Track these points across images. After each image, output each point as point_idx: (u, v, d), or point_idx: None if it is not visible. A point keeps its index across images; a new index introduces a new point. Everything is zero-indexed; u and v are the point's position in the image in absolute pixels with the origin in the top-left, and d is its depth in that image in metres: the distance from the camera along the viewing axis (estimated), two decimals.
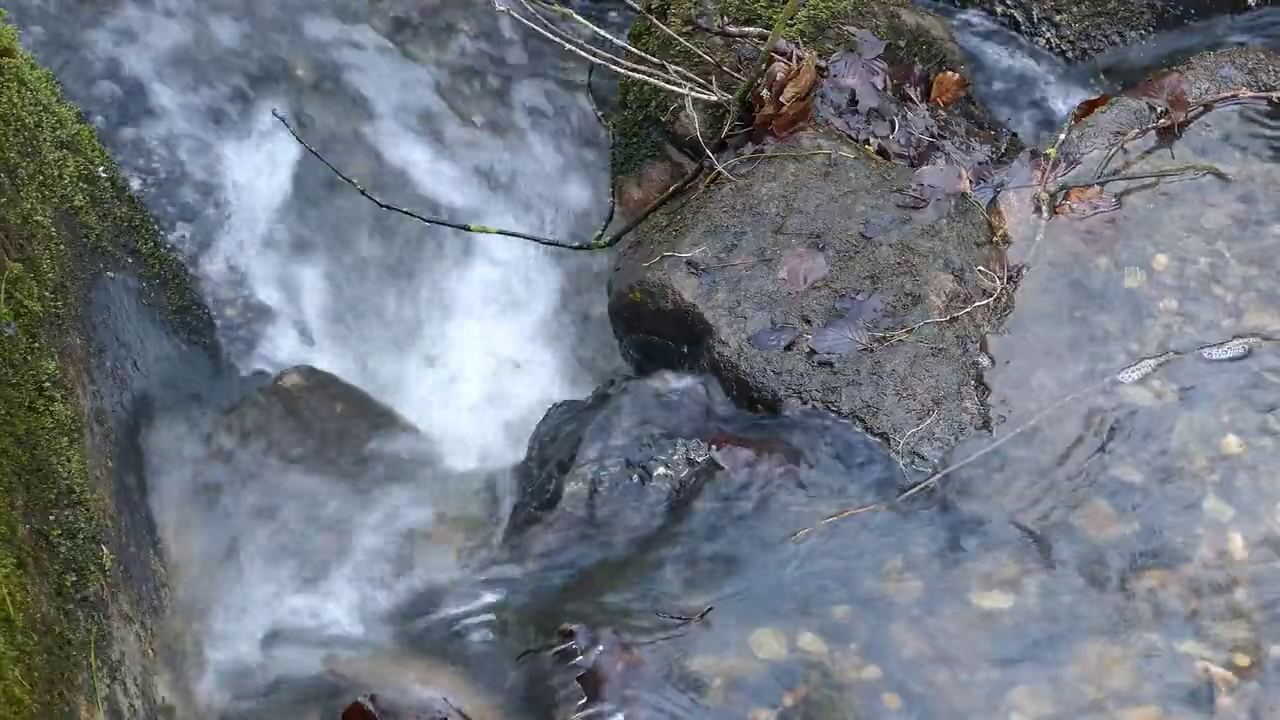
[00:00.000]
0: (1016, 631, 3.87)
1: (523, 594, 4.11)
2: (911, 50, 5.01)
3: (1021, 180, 4.64)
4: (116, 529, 3.95)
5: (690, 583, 4.00)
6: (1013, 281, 4.45)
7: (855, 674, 3.81)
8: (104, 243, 4.38)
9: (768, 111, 4.70)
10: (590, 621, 3.86)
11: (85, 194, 4.34)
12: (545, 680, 3.80)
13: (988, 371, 4.30)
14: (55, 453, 3.75)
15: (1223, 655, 3.80)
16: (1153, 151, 4.66)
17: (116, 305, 4.37)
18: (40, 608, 3.49)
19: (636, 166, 4.97)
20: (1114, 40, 5.29)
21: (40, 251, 3.96)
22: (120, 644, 3.81)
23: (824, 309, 4.39)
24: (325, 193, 4.95)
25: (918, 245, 4.47)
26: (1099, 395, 4.24)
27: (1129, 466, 4.12)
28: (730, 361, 4.36)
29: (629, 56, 4.85)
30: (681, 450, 4.26)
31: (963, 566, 3.98)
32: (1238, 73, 4.77)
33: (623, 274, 4.66)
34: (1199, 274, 4.42)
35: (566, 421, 4.43)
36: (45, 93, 4.36)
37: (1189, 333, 4.33)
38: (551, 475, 4.33)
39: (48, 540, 3.65)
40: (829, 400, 4.27)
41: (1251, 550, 3.96)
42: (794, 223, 4.53)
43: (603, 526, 4.18)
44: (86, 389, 4.02)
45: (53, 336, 3.88)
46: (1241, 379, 4.23)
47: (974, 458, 4.15)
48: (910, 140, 4.82)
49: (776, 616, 3.90)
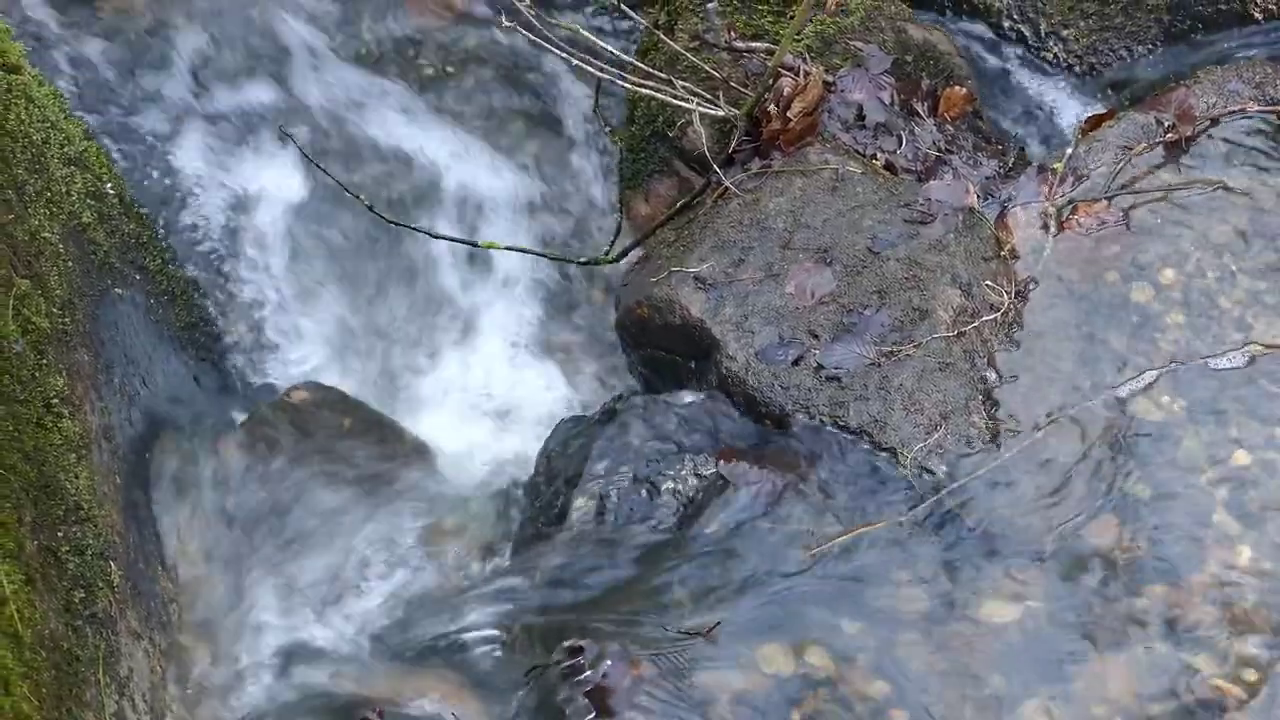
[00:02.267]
0: (1025, 646, 3.87)
1: (530, 609, 4.11)
2: (919, 65, 5.01)
3: (1029, 195, 4.63)
4: (125, 545, 3.95)
5: (698, 598, 3.99)
6: (1020, 296, 4.45)
7: (863, 689, 3.80)
8: (112, 259, 4.38)
9: (775, 126, 4.71)
10: (598, 636, 3.85)
11: (93, 210, 4.35)
12: (553, 695, 3.79)
13: (995, 386, 4.30)
14: (63, 469, 3.75)
15: (1231, 670, 3.79)
16: (1160, 166, 4.65)
17: (124, 322, 4.38)
18: (48, 624, 3.49)
19: (644, 182, 4.98)
20: (1121, 55, 5.29)
21: (48, 268, 3.97)
22: (128, 660, 3.81)
23: (831, 324, 4.39)
24: (333, 209, 4.96)
25: (925, 260, 4.47)
26: (1106, 409, 4.24)
27: (1137, 480, 4.11)
28: (738, 376, 4.36)
29: (636, 72, 4.85)
30: (689, 465, 4.26)
31: (971, 581, 3.98)
32: (1245, 87, 4.77)
33: (630, 289, 4.66)
34: (1207, 288, 4.42)
35: (574, 437, 4.43)
36: (53, 109, 4.37)
37: (1197, 347, 4.33)
38: (559, 491, 4.33)
39: (56, 556, 3.65)
40: (836, 415, 4.26)
41: (1260, 563, 3.96)
42: (801, 238, 4.53)
43: (610, 541, 4.17)
44: (94, 405, 4.02)
45: (60, 353, 3.89)
46: (1249, 392, 4.23)
47: (982, 472, 4.15)
48: (917, 155, 4.82)
49: (784, 632, 3.90)
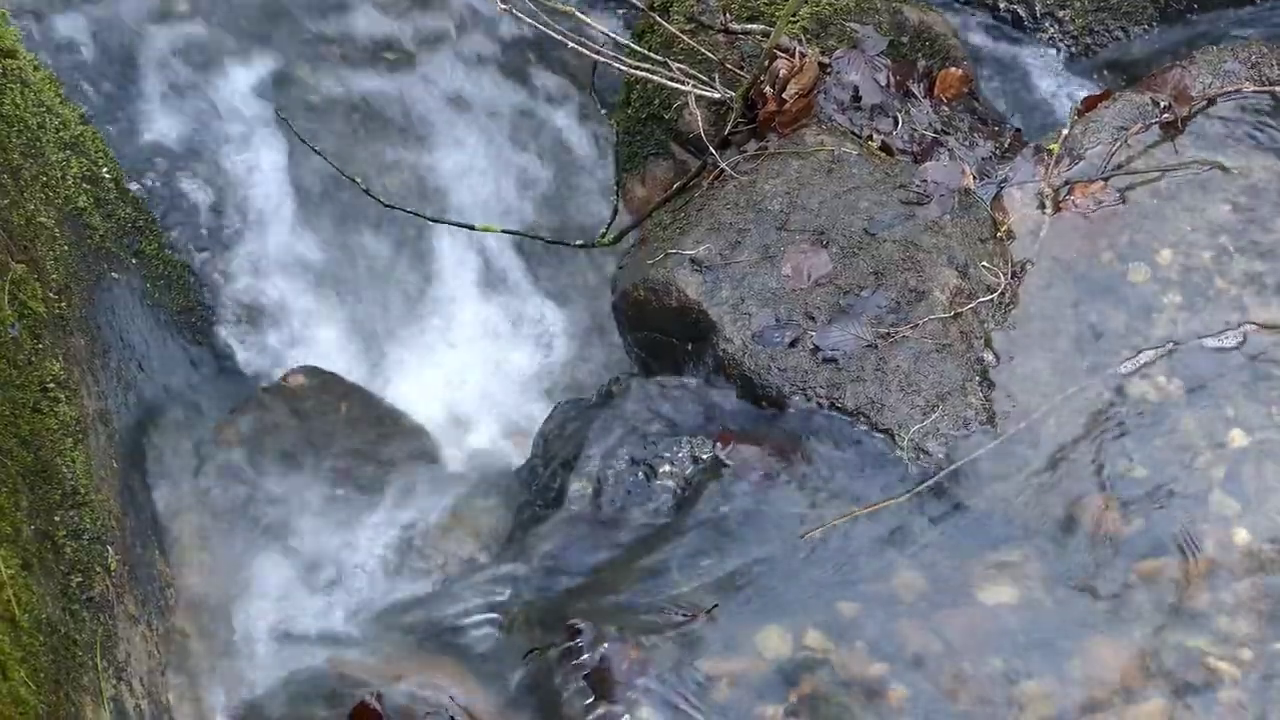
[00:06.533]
0: (1022, 626, 3.87)
1: (528, 592, 4.11)
2: (914, 46, 5.00)
3: (1025, 176, 4.63)
4: (121, 530, 3.95)
5: (695, 580, 3.99)
6: (1017, 277, 4.44)
7: (861, 671, 3.81)
8: (108, 244, 4.38)
9: (771, 108, 4.70)
10: (596, 619, 3.85)
11: (89, 195, 4.35)
12: (551, 678, 3.79)
13: (992, 367, 4.30)
14: (60, 454, 3.75)
15: (1227, 649, 3.80)
16: (1156, 146, 4.65)
17: (121, 306, 4.37)
18: (46, 608, 3.49)
19: (640, 164, 4.97)
20: (1117, 35, 5.29)
21: (44, 253, 3.97)
22: (126, 644, 3.81)
23: (828, 305, 4.39)
24: (329, 192, 4.95)
25: (921, 241, 4.47)
26: (1104, 390, 4.24)
27: (1134, 461, 4.11)
28: (734, 359, 4.36)
29: (632, 54, 4.85)
30: (686, 448, 4.26)
31: (968, 562, 3.98)
32: (1241, 67, 4.76)
33: (627, 272, 4.66)
34: (1203, 268, 4.42)
35: (571, 420, 4.43)
36: (49, 94, 4.37)
37: (1194, 327, 4.33)
38: (556, 473, 4.33)
39: (53, 541, 3.65)
40: (833, 397, 4.26)
41: (1256, 544, 3.96)
42: (797, 219, 4.52)
43: (608, 524, 4.18)
44: (91, 390, 4.02)
45: (57, 338, 3.88)
46: (1246, 373, 4.23)
47: (979, 453, 4.15)
48: (913, 136, 4.82)
49: (782, 614, 3.90)
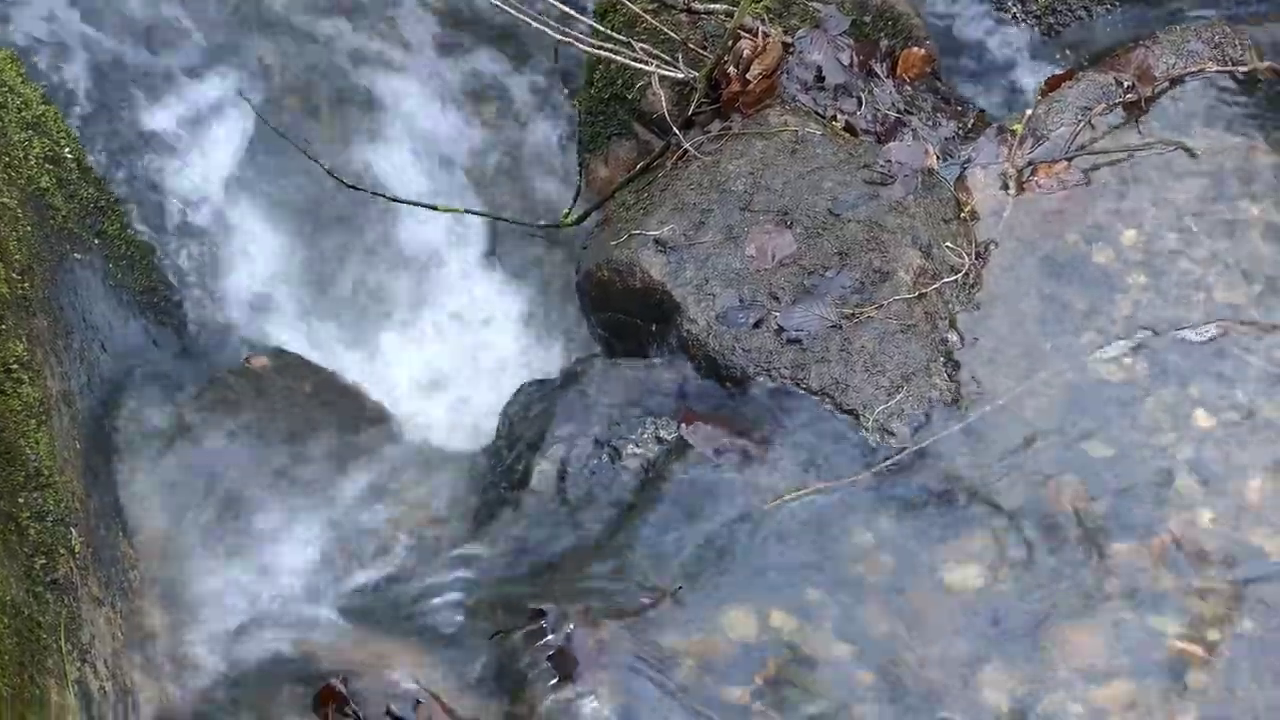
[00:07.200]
0: (988, 608, 3.88)
1: (493, 574, 4.10)
2: (877, 26, 5.00)
3: (989, 156, 4.64)
4: (85, 511, 3.93)
5: (660, 561, 3.99)
6: (981, 258, 4.45)
7: (827, 652, 3.81)
8: (70, 224, 4.36)
9: (734, 89, 4.70)
10: (561, 601, 3.85)
11: (51, 175, 4.32)
12: (516, 660, 3.79)
13: (957, 348, 4.30)
14: (23, 435, 3.74)
15: (1194, 630, 3.81)
16: (1120, 127, 4.66)
17: (84, 287, 4.35)
18: (10, 591, 3.47)
19: (604, 145, 4.96)
20: (1080, 15, 5.29)
21: (6, 233, 3.94)
22: (90, 627, 3.80)
23: (792, 286, 4.39)
24: (292, 173, 4.93)
25: (886, 221, 4.47)
26: (1069, 371, 4.25)
27: (1099, 442, 4.12)
28: (699, 339, 4.36)
29: (595, 34, 4.84)
30: (651, 429, 4.26)
31: (934, 544, 3.99)
32: (1204, 47, 4.77)
33: (590, 252, 4.66)
34: (1167, 249, 4.43)
35: (536, 401, 4.42)
36: (10, 73, 4.34)
37: (1158, 307, 4.34)
38: (521, 455, 4.32)
39: (17, 523, 3.63)
40: (798, 377, 4.27)
41: (1221, 525, 3.98)
42: (761, 200, 4.52)
43: (573, 506, 4.17)
44: (54, 371, 4.00)
45: (20, 319, 3.86)
46: (1210, 354, 4.24)
47: (944, 434, 4.16)
48: (877, 116, 4.81)
49: (748, 595, 3.90)
